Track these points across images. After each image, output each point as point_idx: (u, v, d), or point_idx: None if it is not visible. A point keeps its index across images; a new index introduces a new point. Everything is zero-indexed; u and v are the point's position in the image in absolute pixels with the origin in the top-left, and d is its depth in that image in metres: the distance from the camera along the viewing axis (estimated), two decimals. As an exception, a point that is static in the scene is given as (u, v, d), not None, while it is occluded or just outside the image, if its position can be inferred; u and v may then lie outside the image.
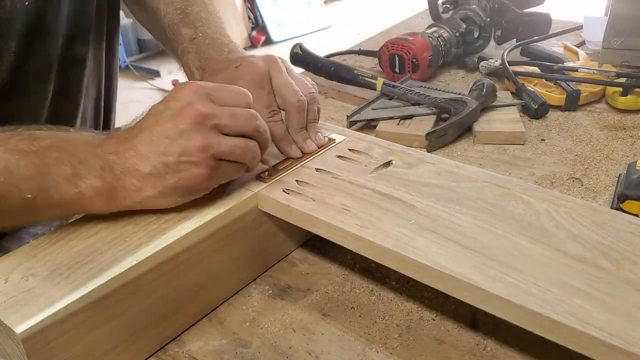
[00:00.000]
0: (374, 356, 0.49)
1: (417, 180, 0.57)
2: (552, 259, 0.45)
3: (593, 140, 0.83)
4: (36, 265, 0.46)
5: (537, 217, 0.51)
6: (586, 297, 0.41)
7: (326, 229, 0.51)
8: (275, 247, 0.60)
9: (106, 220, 0.51)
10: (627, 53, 0.97)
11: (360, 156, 0.62)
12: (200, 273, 0.52)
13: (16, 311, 0.41)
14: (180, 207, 0.52)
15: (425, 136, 0.80)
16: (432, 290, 0.50)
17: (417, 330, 0.52)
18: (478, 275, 0.44)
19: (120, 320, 0.46)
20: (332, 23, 4.44)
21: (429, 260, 0.45)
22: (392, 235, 0.48)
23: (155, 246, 0.47)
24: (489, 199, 0.54)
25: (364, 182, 0.57)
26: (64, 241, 0.49)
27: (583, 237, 0.48)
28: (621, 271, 0.44)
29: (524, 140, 0.83)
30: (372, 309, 0.54)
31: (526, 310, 0.41)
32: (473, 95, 0.87)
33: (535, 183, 0.72)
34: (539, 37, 1.17)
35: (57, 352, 0.42)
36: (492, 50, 1.21)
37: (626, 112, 0.91)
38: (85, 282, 0.44)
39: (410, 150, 0.64)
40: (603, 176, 0.74)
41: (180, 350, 0.51)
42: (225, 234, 0.53)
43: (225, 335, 0.52)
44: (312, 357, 0.49)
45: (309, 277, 0.58)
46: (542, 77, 0.97)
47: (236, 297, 0.56)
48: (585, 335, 0.38)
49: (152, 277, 0.47)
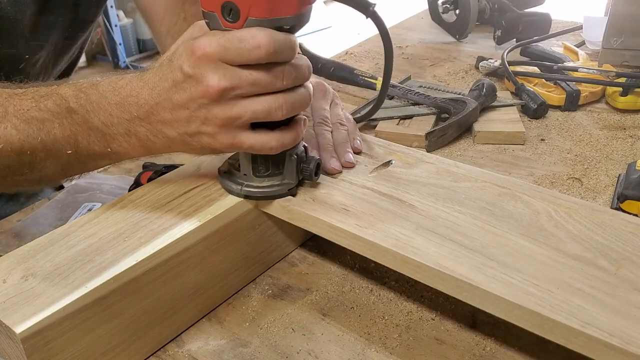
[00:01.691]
0: (373, 356, 0.49)
1: (416, 180, 0.57)
2: (552, 259, 0.45)
3: (593, 140, 0.83)
4: (36, 265, 0.46)
5: (536, 217, 0.51)
6: (586, 297, 0.41)
7: (326, 229, 0.51)
8: (275, 247, 0.60)
9: (106, 220, 0.51)
10: (627, 53, 0.97)
11: (359, 156, 0.62)
12: (199, 273, 0.52)
13: (16, 311, 0.41)
14: (180, 207, 0.52)
15: (425, 136, 0.80)
16: (431, 290, 0.50)
17: (416, 330, 0.52)
18: (477, 275, 0.44)
19: (120, 320, 0.46)
20: (332, 23, 4.44)
21: (429, 260, 0.45)
22: (392, 235, 0.48)
23: (155, 246, 0.47)
24: (488, 198, 0.54)
25: (363, 182, 0.57)
26: (63, 241, 0.49)
27: (583, 237, 0.48)
28: (620, 271, 0.44)
29: (524, 140, 0.83)
30: (371, 309, 0.54)
31: (526, 310, 0.41)
32: (473, 95, 0.87)
33: (535, 183, 0.72)
34: (539, 37, 1.17)
35: (57, 352, 0.42)
36: (492, 50, 1.22)
37: (626, 112, 0.91)
38: (85, 282, 0.44)
39: (410, 150, 0.64)
40: (603, 176, 0.74)
41: (180, 350, 0.51)
42: (224, 234, 0.53)
43: (225, 335, 0.52)
44: (312, 357, 0.49)
45: (308, 277, 0.58)
46: (542, 77, 0.97)
47: (236, 297, 0.56)
48: (584, 335, 0.38)
49: (152, 277, 0.47)
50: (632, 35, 0.96)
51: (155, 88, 0.49)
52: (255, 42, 0.45)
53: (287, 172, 0.54)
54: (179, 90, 0.48)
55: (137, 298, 0.46)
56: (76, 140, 0.52)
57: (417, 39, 1.33)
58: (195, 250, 0.50)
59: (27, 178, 0.55)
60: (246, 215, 0.54)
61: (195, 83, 0.47)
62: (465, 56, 1.19)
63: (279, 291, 0.57)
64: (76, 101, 0.52)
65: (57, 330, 0.41)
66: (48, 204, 0.75)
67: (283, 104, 0.49)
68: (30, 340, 0.40)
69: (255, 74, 0.47)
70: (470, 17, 1.23)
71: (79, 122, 0.51)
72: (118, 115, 0.50)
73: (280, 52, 0.46)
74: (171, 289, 0.49)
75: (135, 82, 0.50)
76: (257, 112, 0.48)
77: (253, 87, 0.47)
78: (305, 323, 0.53)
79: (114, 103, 0.50)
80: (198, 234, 0.50)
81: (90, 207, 0.74)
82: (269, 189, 0.54)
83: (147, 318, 0.48)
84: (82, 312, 0.43)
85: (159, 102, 0.49)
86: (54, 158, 0.53)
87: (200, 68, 0.46)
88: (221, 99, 0.47)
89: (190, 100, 0.48)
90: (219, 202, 0.53)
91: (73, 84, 0.53)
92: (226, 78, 0.46)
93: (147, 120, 0.50)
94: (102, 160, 0.55)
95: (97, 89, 0.52)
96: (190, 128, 0.49)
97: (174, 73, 0.48)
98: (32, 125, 0.51)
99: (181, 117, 0.49)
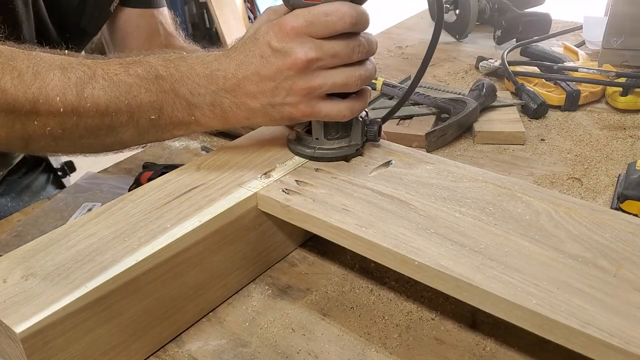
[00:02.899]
0: (373, 356, 0.49)
1: (416, 180, 0.57)
2: (552, 259, 0.45)
3: (593, 140, 0.83)
4: (36, 265, 0.46)
5: (536, 217, 0.51)
6: (586, 297, 0.41)
7: (326, 229, 0.51)
8: (275, 247, 0.60)
9: (106, 220, 0.51)
10: (627, 53, 0.97)
11: (360, 156, 0.62)
12: (199, 273, 0.52)
13: (16, 311, 0.41)
14: (180, 207, 0.52)
15: (425, 136, 0.80)
16: (431, 290, 0.50)
17: (416, 330, 0.52)
18: (477, 275, 0.44)
19: (120, 320, 0.46)
20: (332, 23, 4.43)
21: (429, 260, 0.45)
22: (392, 235, 0.48)
23: (155, 246, 0.47)
24: (488, 198, 0.54)
25: (363, 182, 0.57)
26: (63, 241, 0.49)
27: (582, 237, 0.48)
28: (620, 271, 0.44)
29: (524, 140, 0.83)
30: (371, 309, 0.54)
31: (526, 310, 0.41)
32: (473, 95, 0.87)
33: (535, 183, 0.72)
34: (539, 37, 1.17)
35: (57, 351, 0.42)
36: (492, 50, 1.22)
37: (626, 112, 0.91)
38: (85, 282, 0.44)
39: (410, 150, 0.64)
40: (603, 176, 0.74)
41: (180, 350, 0.51)
42: (224, 234, 0.53)
43: (225, 335, 0.52)
44: (312, 357, 0.49)
45: (308, 277, 0.58)
46: (542, 77, 0.97)
47: (236, 297, 0.56)
48: (584, 335, 0.38)
49: (152, 277, 0.47)
50: (632, 35, 0.96)
51: (242, 63, 0.53)
52: (340, 14, 0.50)
53: (354, 134, 0.60)
54: (267, 64, 0.52)
55: (137, 298, 0.46)
56: (161, 107, 0.55)
57: (417, 39, 1.33)
58: (195, 250, 0.50)
59: (103, 141, 0.56)
60: (246, 215, 0.54)
61: (283, 56, 0.52)
62: (465, 56, 1.20)
63: (279, 291, 0.57)
64: (165, 70, 0.55)
65: (57, 330, 0.41)
66: (48, 204, 0.75)
67: (358, 76, 0.54)
68: (30, 340, 0.40)
69: (337, 47, 0.52)
70: (470, 17, 1.23)
71: (166, 89, 0.54)
72: (205, 86, 0.54)
73: (359, 23, 0.52)
74: (171, 289, 0.49)
75: (223, 58, 0.54)
76: (337, 83, 0.53)
77: (334, 59, 0.52)
78: (305, 323, 0.53)
79: (202, 75, 0.54)
80: (198, 234, 0.50)
81: (90, 207, 0.74)
82: (339, 150, 0.60)
83: (147, 318, 0.48)
84: (82, 312, 0.43)
85: (247, 76, 0.53)
86: (135, 122, 0.55)
87: (288, 42, 0.51)
88: (306, 70, 0.52)
89: (278, 72, 0.52)
90: (219, 202, 0.53)
91: (160, 55, 0.56)
92: (312, 50, 0.51)
93: (232, 93, 0.54)
94: (181, 129, 0.58)
95: (185, 60, 0.55)
96: (275, 99, 0.54)
97: (261, 48, 0.52)
98: (121, 88, 0.53)
99: (266, 89, 0.53)
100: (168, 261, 0.48)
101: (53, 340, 0.41)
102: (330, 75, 0.53)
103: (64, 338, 0.42)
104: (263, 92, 0.53)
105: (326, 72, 0.53)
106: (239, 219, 0.54)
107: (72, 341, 0.43)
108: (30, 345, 0.40)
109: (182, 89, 0.55)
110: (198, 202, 0.53)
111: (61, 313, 0.41)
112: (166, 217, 0.51)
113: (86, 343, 0.44)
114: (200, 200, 0.54)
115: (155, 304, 0.48)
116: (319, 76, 0.53)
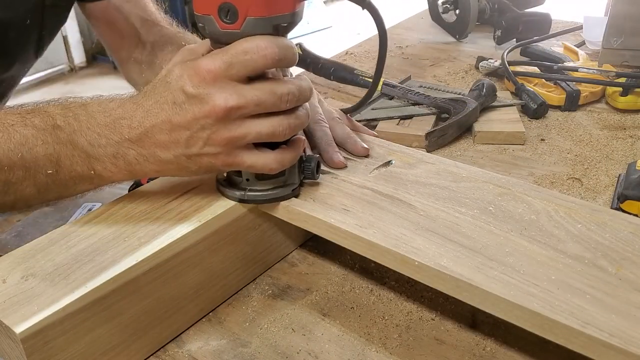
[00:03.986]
0: (373, 356, 0.49)
1: (416, 180, 0.57)
2: (552, 259, 0.45)
3: (593, 140, 0.83)
4: (36, 265, 0.46)
5: (536, 217, 0.51)
6: (586, 297, 0.41)
7: (326, 229, 0.51)
8: (275, 247, 0.60)
9: (106, 220, 0.51)
10: (627, 53, 0.97)
11: (359, 157, 0.62)
12: (199, 273, 0.52)
13: (16, 311, 0.41)
14: (180, 207, 0.52)
15: (425, 136, 0.80)
16: (431, 290, 0.50)
17: (416, 330, 0.52)
18: (477, 275, 0.44)
19: (120, 320, 0.46)
20: (332, 23, 4.44)
21: (429, 260, 0.45)
22: (392, 235, 0.48)
23: (155, 246, 0.47)
24: (488, 198, 0.54)
25: (363, 182, 0.57)
26: (63, 241, 0.49)
27: (583, 237, 0.48)
28: (620, 271, 0.44)
29: (524, 140, 0.83)
30: (371, 309, 0.54)
31: (526, 310, 0.41)
32: (473, 95, 0.87)
33: (535, 183, 0.72)
34: (539, 37, 1.17)
35: (57, 352, 0.42)
36: (492, 50, 1.22)
37: (626, 112, 0.91)
38: (85, 282, 0.44)
39: (410, 150, 0.64)
40: (603, 176, 0.74)
41: (180, 350, 0.51)
42: (224, 234, 0.53)
43: (225, 335, 0.52)
44: (312, 357, 0.49)
45: (308, 277, 0.58)
46: (542, 77, 0.97)
47: (236, 297, 0.56)
48: (584, 335, 0.38)
49: (152, 277, 0.47)
50: (632, 35, 0.96)
51: (151, 110, 0.48)
52: (260, 51, 0.45)
53: (290, 173, 0.54)
54: (180, 111, 0.47)
55: (137, 298, 0.46)
56: (58, 160, 0.50)
57: (417, 39, 1.33)
58: (195, 250, 0.50)
59: (2, 200, 0.51)
60: (246, 216, 0.54)
61: (199, 103, 0.46)
62: (465, 56, 1.19)
63: (279, 291, 0.57)
64: (63, 119, 0.50)
65: (57, 330, 0.41)
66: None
67: (287, 125, 0.49)
68: (30, 340, 0.40)
69: (261, 95, 0.47)
70: (470, 17, 1.23)
71: (64, 140, 0.49)
72: (107, 136, 0.49)
73: (283, 58, 0.47)
74: (171, 289, 0.49)
75: (128, 105, 0.49)
76: (262, 132, 0.48)
77: (258, 107, 0.47)
78: (305, 323, 0.53)
79: (104, 124, 0.49)
80: (198, 234, 0.50)
81: (90, 207, 0.74)
82: (273, 192, 0.54)
83: (147, 318, 0.48)
84: (82, 312, 0.43)
85: (156, 124, 0.48)
86: (33, 178, 0.50)
87: (205, 88, 0.46)
88: (227, 118, 0.47)
89: (193, 121, 0.47)
90: (219, 202, 0.53)
91: (61, 103, 0.52)
92: (233, 97, 0.46)
93: (139, 143, 0.49)
94: (83, 184, 0.52)
95: (86, 109, 0.50)
96: (191, 150, 0.48)
97: (174, 94, 0.47)
98: (15, 140, 0.49)
99: (180, 139, 0.48)
100: (168, 261, 0.48)
101: (53, 340, 0.41)
102: (255, 124, 0.47)
103: (64, 338, 0.42)
104: (176, 142, 0.48)
105: (250, 121, 0.47)
106: (239, 219, 0.54)
107: (72, 341, 0.43)
108: (30, 345, 0.40)
109: (80, 140, 0.49)
110: (198, 202, 0.53)
111: (61, 313, 0.41)
112: (166, 217, 0.51)
113: (86, 343, 0.44)
114: (200, 200, 0.54)
115: (155, 304, 0.48)
116: (241, 125, 0.47)
